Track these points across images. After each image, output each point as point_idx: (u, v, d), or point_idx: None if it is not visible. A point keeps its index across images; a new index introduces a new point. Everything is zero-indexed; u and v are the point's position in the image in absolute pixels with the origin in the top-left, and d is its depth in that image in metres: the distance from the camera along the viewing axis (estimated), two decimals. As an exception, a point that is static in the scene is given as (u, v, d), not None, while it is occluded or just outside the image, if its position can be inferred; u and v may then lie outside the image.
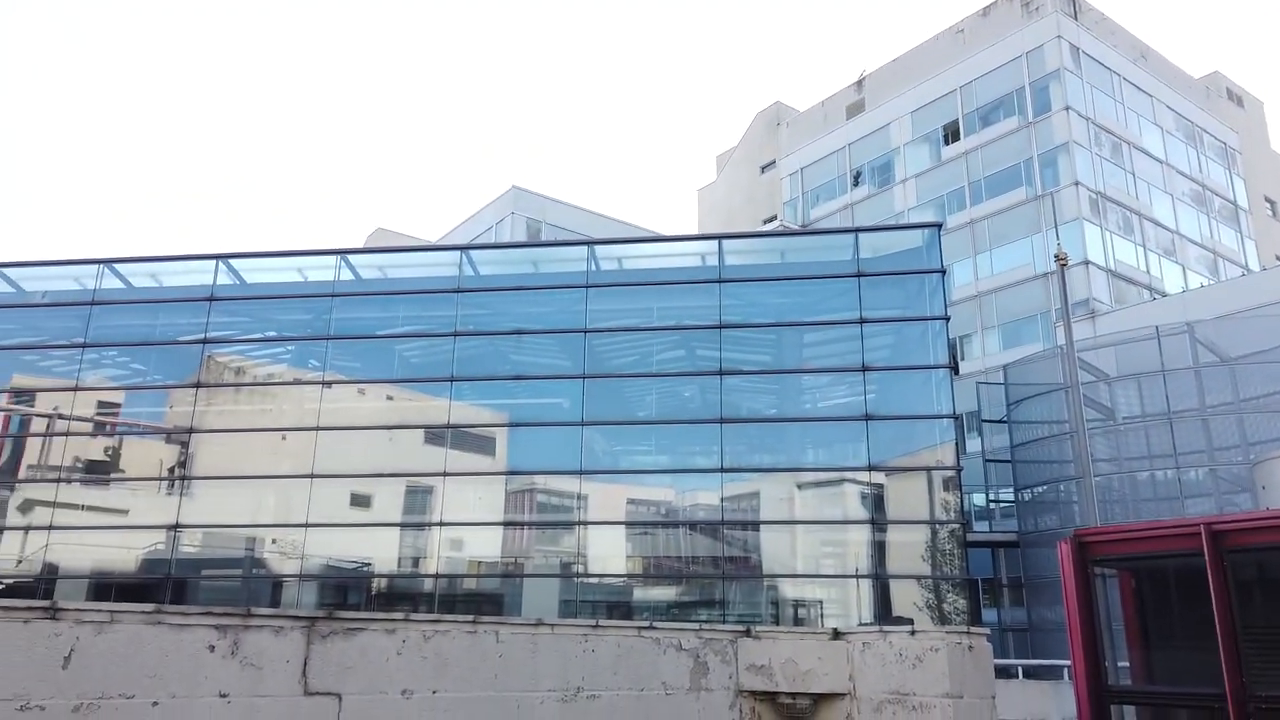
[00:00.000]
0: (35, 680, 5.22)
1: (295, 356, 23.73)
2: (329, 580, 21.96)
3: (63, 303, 23.00)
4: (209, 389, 22.56)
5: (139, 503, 22.84)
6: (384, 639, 6.24)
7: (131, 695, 5.45)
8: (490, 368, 22.76)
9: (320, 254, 23.23)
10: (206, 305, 22.51)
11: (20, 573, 21.80)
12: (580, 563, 21.62)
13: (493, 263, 24.51)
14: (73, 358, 22.74)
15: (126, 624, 5.55)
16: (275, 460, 22.28)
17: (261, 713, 5.73)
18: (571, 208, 39.83)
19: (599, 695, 6.90)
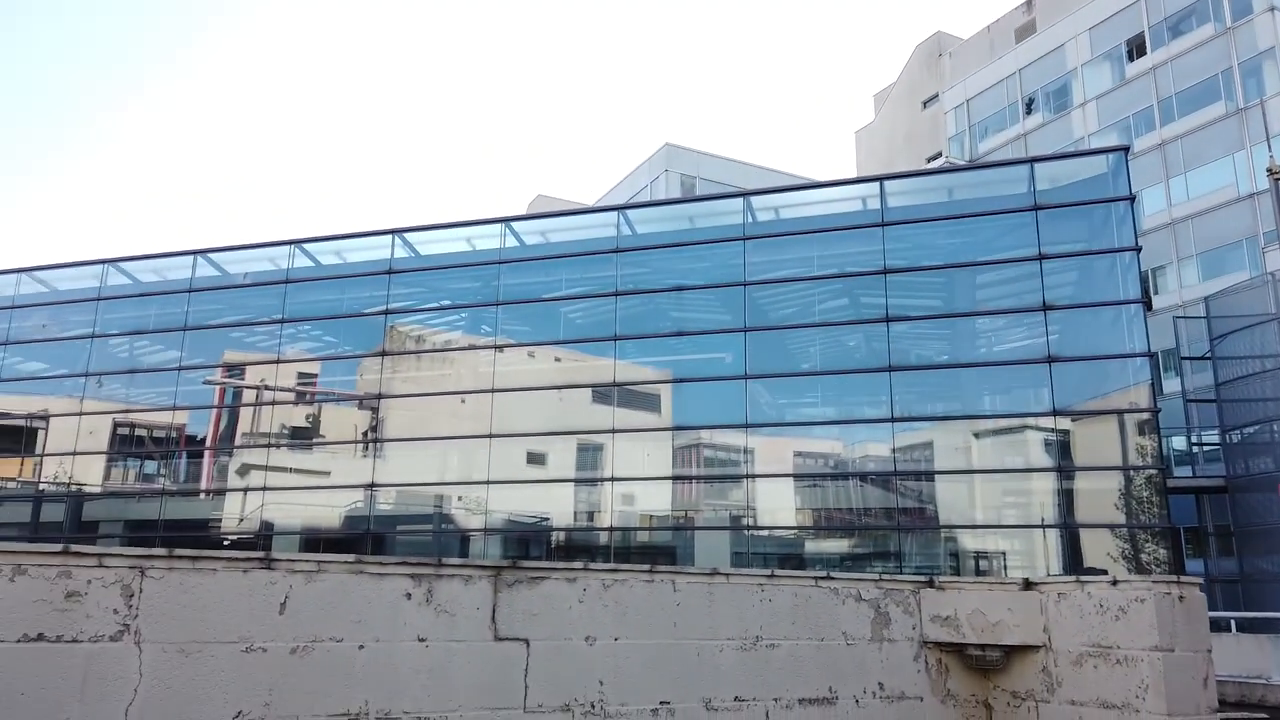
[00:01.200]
0: (256, 625, 5.73)
1: (468, 323, 24.79)
2: (511, 534, 23.04)
3: (261, 282, 24.92)
4: (394, 357, 23.96)
5: (338, 464, 24.64)
6: (565, 587, 6.45)
7: (340, 639, 5.89)
8: (652, 325, 22.96)
9: (486, 223, 24.05)
10: (386, 278, 23.84)
11: (241, 530, 24.10)
12: (749, 515, 21.66)
13: (649, 221, 24.60)
14: (273, 333, 24.68)
15: (332, 573, 5.99)
16: (456, 422, 23.46)
17: (457, 656, 6.06)
18: (725, 161, 39.34)
19: (778, 644, 6.88)
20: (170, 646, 5.52)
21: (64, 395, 25.26)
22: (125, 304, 25.49)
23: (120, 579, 5.50)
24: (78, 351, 25.24)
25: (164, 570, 5.62)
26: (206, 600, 5.67)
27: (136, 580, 5.53)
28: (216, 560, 5.76)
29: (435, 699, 5.98)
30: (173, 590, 5.61)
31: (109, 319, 25.29)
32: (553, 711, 6.22)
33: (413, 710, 5.90)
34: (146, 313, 25.30)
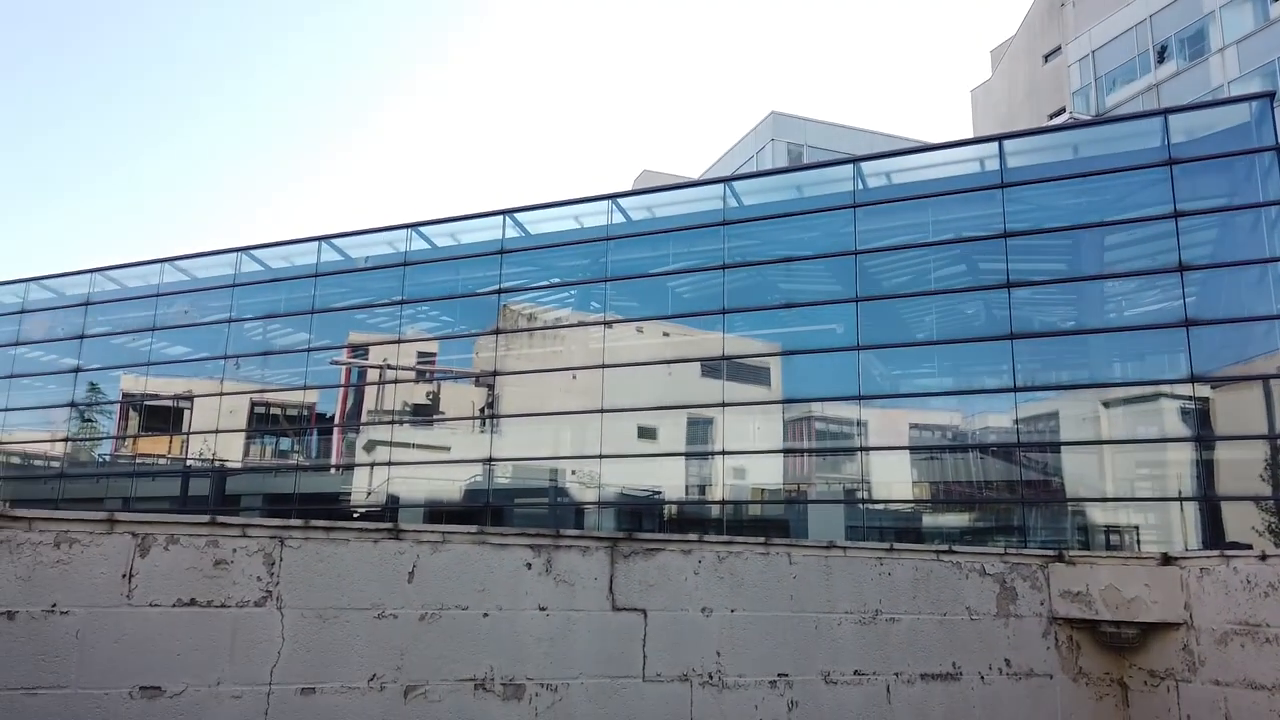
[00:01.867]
0: (387, 592, 6.00)
1: (578, 299, 25.13)
2: (624, 507, 23.37)
3: (381, 265, 25.86)
4: (507, 335, 24.54)
5: (457, 439, 25.47)
6: (681, 559, 6.50)
7: (465, 607, 6.10)
8: (760, 298, 22.74)
9: (593, 200, 24.25)
10: (499, 258, 24.37)
11: (370, 503, 25.24)
12: (863, 489, 21.31)
13: (755, 192, 24.30)
14: (393, 314, 25.63)
15: (456, 544, 6.20)
16: (568, 397, 23.88)
17: (577, 625, 6.20)
18: (832, 127, 38.38)
19: (898, 619, 6.76)
20: (309, 612, 5.84)
21: (206, 377, 26.90)
22: (258, 289, 26.91)
23: (262, 548, 5.83)
24: (217, 335, 26.82)
25: (301, 540, 5.93)
26: (340, 569, 5.97)
27: (277, 549, 5.86)
28: (349, 531, 6.04)
29: (557, 666, 6.14)
30: (310, 559, 5.92)
31: (244, 304, 26.75)
32: (671, 681, 6.30)
33: (536, 676, 6.07)
34: (277, 297, 26.64)
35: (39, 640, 5.31)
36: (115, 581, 5.51)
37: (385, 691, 5.83)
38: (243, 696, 5.58)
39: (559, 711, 6.06)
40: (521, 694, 6.03)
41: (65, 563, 5.44)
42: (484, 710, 5.98)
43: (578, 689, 6.13)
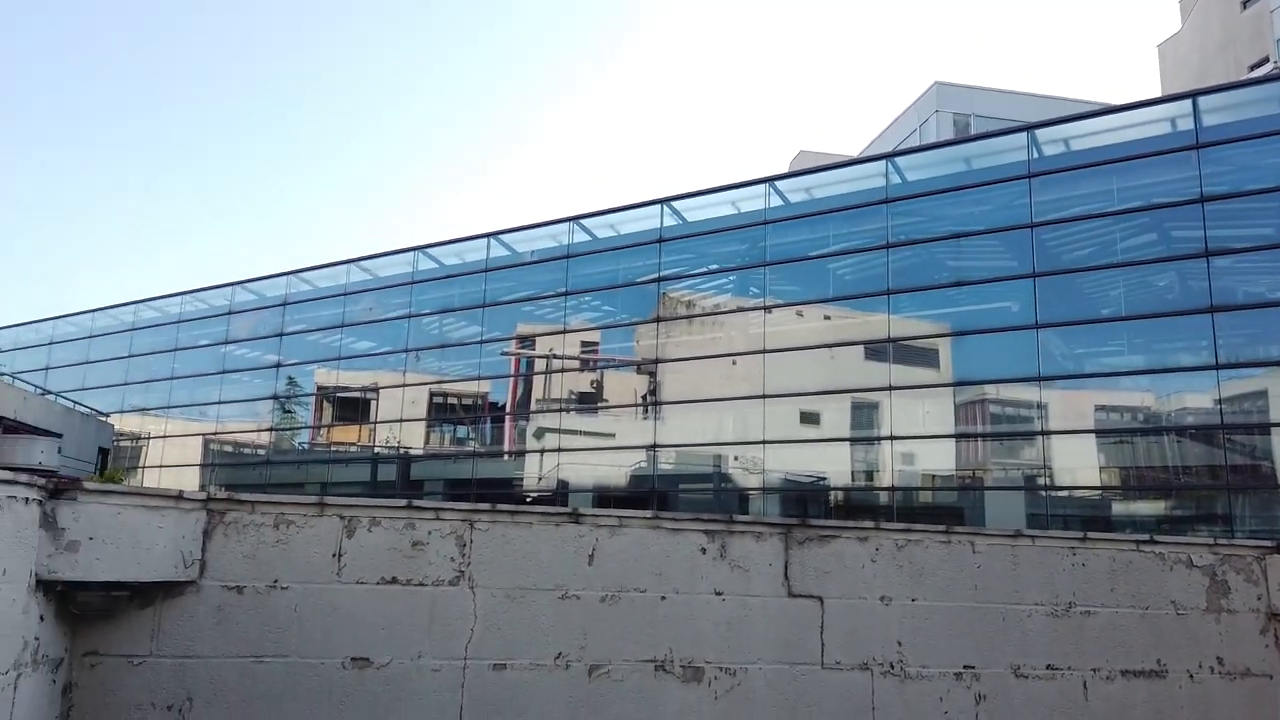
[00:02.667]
0: (569, 574, 6.22)
1: (737, 285, 25.06)
2: (788, 493, 23.19)
3: (545, 259, 26.71)
4: (667, 322, 24.80)
5: (622, 427, 26.01)
6: (857, 546, 6.39)
7: (643, 589, 6.25)
8: (927, 277, 21.93)
9: (749, 185, 24.09)
10: (657, 247, 24.66)
11: (541, 487, 26.20)
12: (1044, 475, 20.23)
13: (920, 167, 23.42)
14: (558, 305, 26.43)
15: (633, 528, 6.35)
16: (729, 383, 23.90)
17: (753, 610, 6.23)
18: (1001, 94, 36.37)
19: (1095, 612, 6.40)
20: (498, 591, 6.14)
21: (389, 370, 28.68)
22: (433, 285, 28.41)
23: (454, 530, 6.18)
24: (398, 330, 28.53)
25: (488, 523, 6.24)
26: (525, 550, 6.24)
27: (467, 532, 6.19)
28: (532, 515, 6.31)
29: (734, 650, 6.18)
30: (497, 541, 6.22)
31: (421, 300, 28.32)
32: (851, 669, 6.22)
33: (714, 660, 6.15)
34: (451, 292, 28.04)
35: (263, 613, 5.84)
36: (327, 560, 5.98)
37: (571, 670, 6.05)
38: (441, 670, 5.95)
39: (738, 695, 6.11)
40: (700, 676, 6.12)
41: (284, 542, 5.95)
42: (664, 691, 6.11)
43: (756, 674, 6.16)
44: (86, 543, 5.27)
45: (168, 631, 5.70)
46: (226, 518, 5.91)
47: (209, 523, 5.89)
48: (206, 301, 33.63)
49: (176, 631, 5.71)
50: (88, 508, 5.31)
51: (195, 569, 5.79)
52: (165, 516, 5.68)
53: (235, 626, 5.78)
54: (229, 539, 5.89)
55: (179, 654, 5.68)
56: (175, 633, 5.70)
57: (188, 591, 5.76)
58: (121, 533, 5.44)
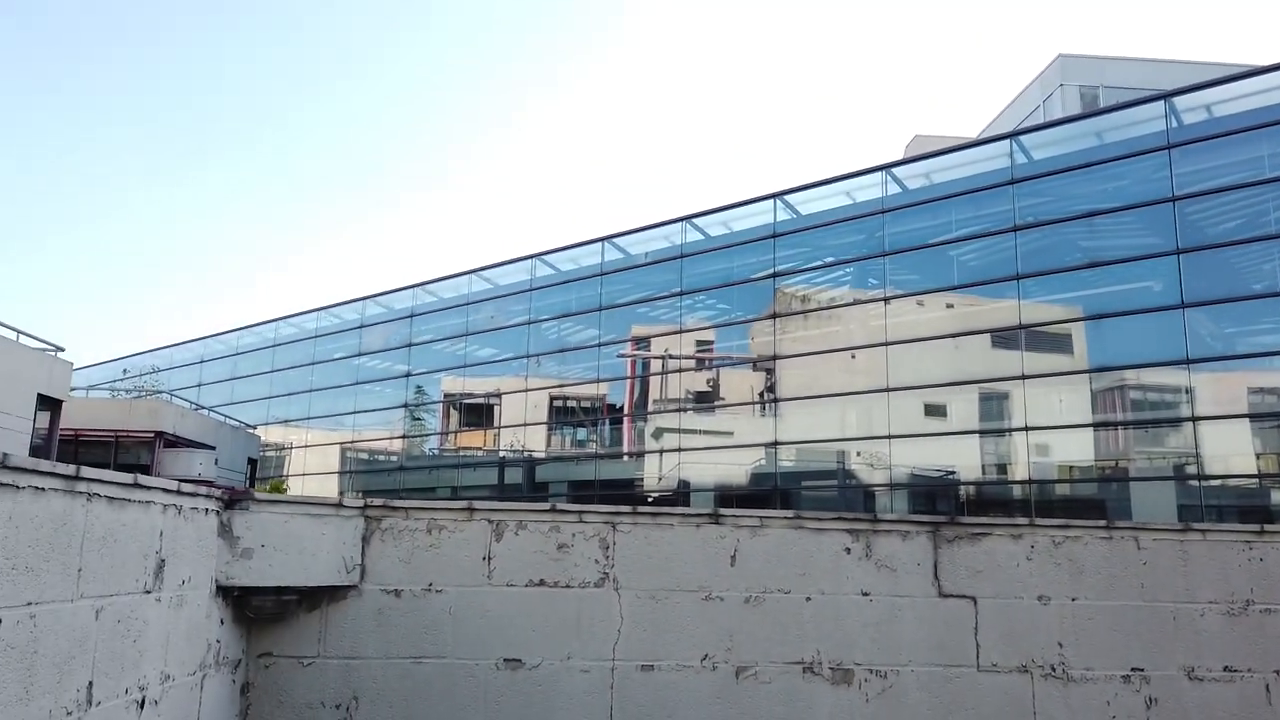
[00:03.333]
0: (712, 575, 6.22)
1: (854, 277, 24.54)
2: (916, 488, 22.54)
3: (659, 260, 26.81)
4: (783, 318, 24.51)
5: (739, 424, 25.84)
6: (1010, 544, 6.16)
7: (787, 590, 6.19)
8: (1058, 259, 20.93)
9: (864, 174, 23.56)
10: (771, 242, 24.40)
11: (661, 487, 26.31)
12: (1193, 463, 19.01)
13: (1047, 144, 22.37)
14: (673, 305, 26.48)
15: (773, 528, 6.30)
16: (849, 377, 23.43)
17: (902, 611, 6.08)
18: (1130, 61, 34.34)
19: (1276, 610, 5.97)
20: (643, 593, 6.19)
21: (511, 375, 29.38)
22: (551, 291, 28.93)
23: (598, 533, 6.26)
24: (518, 336, 29.20)
25: (630, 525, 6.30)
26: (668, 552, 6.27)
27: (610, 534, 6.27)
28: (673, 516, 6.33)
29: (884, 652, 6.05)
30: (639, 543, 6.28)
31: (540, 305, 28.89)
32: (1009, 672, 6.00)
33: (864, 662, 6.03)
34: (569, 297, 28.48)
35: (420, 615, 6.06)
36: (477, 563, 6.16)
37: (718, 671, 6.05)
38: (590, 671, 6.04)
39: (890, 698, 5.98)
40: (850, 679, 6.02)
41: (436, 547, 6.16)
42: (813, 693, 6.04)
43: (908, 676, 6.01)
44: (259, 550, 5.59)
45: (333, 634, 5.98)
46: (383, 524, 6.16)
47: (367, 529, 6.15)
48: (339, 316, 35.27)
49: (341, 633, 5.98)
50: (259, 516, 5.62)
51: (356, 573, 6.05)
52: (327, 524, 5.97)
53: (394, 629, 6.02)
54: (386, 544, 6.14)
55: (345, 655, 5.95)
56: (340, 635, 5.98)
57: (350, 595, 6.03)
58: (289, 540, 5.74)
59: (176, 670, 4.87)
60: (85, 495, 4.01)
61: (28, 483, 3.60)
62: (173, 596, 4.82)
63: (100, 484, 4.13)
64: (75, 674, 3.94)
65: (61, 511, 3.83)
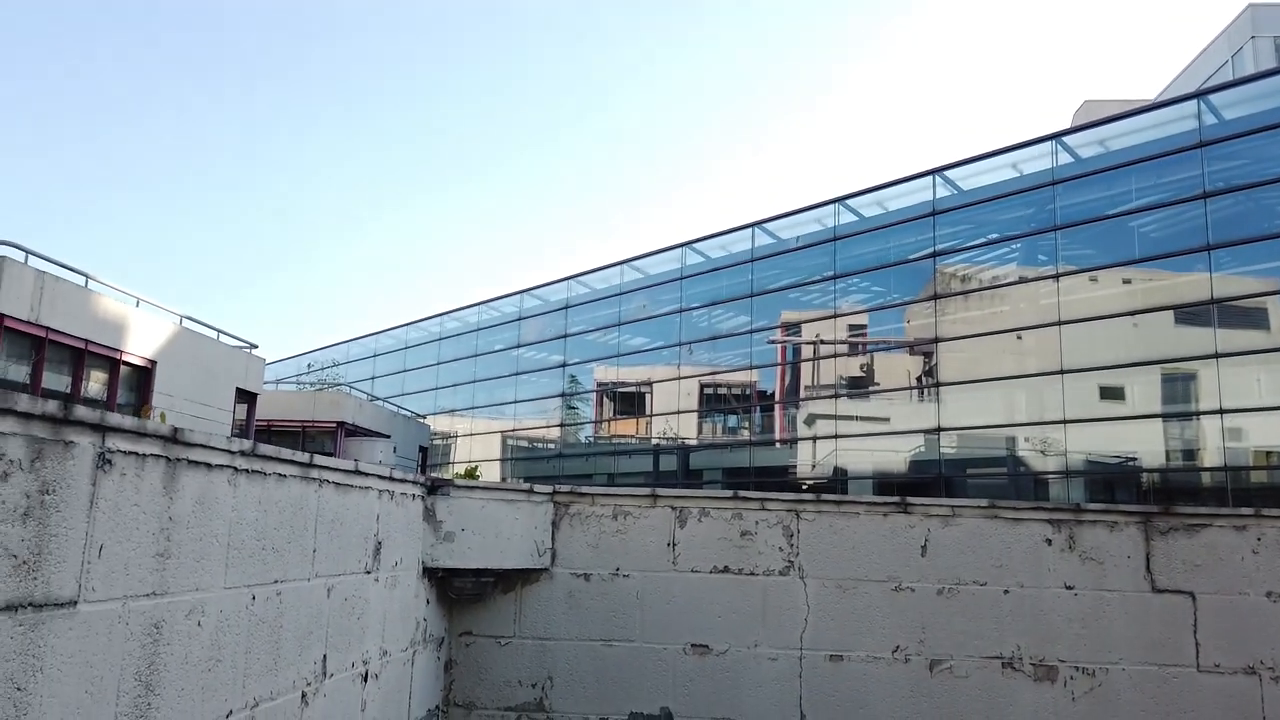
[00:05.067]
0: (901, 565, 6.06)
1: (1022, 254, 23.32)
2: (1093, 475, 21.26)
3: (810, 244, 26.34)
4: (943, 299, 23.60)
5: (895, 410, 25.08)
6: (1233, 536, 5.70)
7: (983, 582, 5.95)
8: (1254, 226, 19.20)
9: (1031, 144, 22.33)
10: (930, 220, 23.52)
11: (816, 475, 25.90)
12: None
13: (1238, 103, 20.52)
14: (825, 289, 25.97)
15: (967, 518, 6.07)
16: (1017, 359, 22.33)
17: (1110, 606, 5.74)
18: (1334, 4, 31.01)
19: None
20: (829, 582, 6.10)
21: (662, 363, 29.62)
22: (701, 279, 28.96)
23: (780, 520, 6.22)
24: (669, 325, 29.39)
25: (814, 513, 6.22)
26: (853, 541, 6.15)
27: (793, 522, 6.21)
28: (858, 504, 6.21)
29: (1091, 649, 5.73)
30: (823, 531, 6.19)
31: (690, 294, 28.97)
32: (1233, 673, 5.56)
33: (1068, 659, 5.73)
34: (719, 284, 28.42)
35: (609, 599, 6.19)
36: (662, 549, 6.24)
37: (910, 664, 5.90)
38: (778, 659, 6.01)
39: (1099, 697, 5.66)
40: (1054, 676, 5.73)
41: (623, 532, 6.28)
42: (1013, 690, 5.79)
43: (1118, 675, 5.67)
44: (459, 534, 5.85)
45: (528, 615, 6.20)
46: (571, 509, 6.32)
47: (556, 514, 6.33)
48: (499, 310, 36.57)
49: (535, 615, 6.19)
50: (458, 502, 5.88)
51: (547, 557, 6.25)
52: (520, 509, 6.18)
53: (585, 611, 6.17)
54: (574, 529, 6.30)
55: (539, 636, 6.16)
56: (534, 616, 6.19)
57: (542, 578, 6.23)
58: (486, 524, 5.98)
59: (392, 646, 5.17)
60: (317, 482, 4.30)
61: (272, 470, 3.90)
62: (388, 577, 5.11)
63: (328, 470, 4.42)
64: (312, 648, 4.24)
65: (299, 496, 4.12)
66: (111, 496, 2.88)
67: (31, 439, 2.55)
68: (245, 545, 3.67)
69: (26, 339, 12.28)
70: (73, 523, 2.70)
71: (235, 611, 3.60)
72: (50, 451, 2.62)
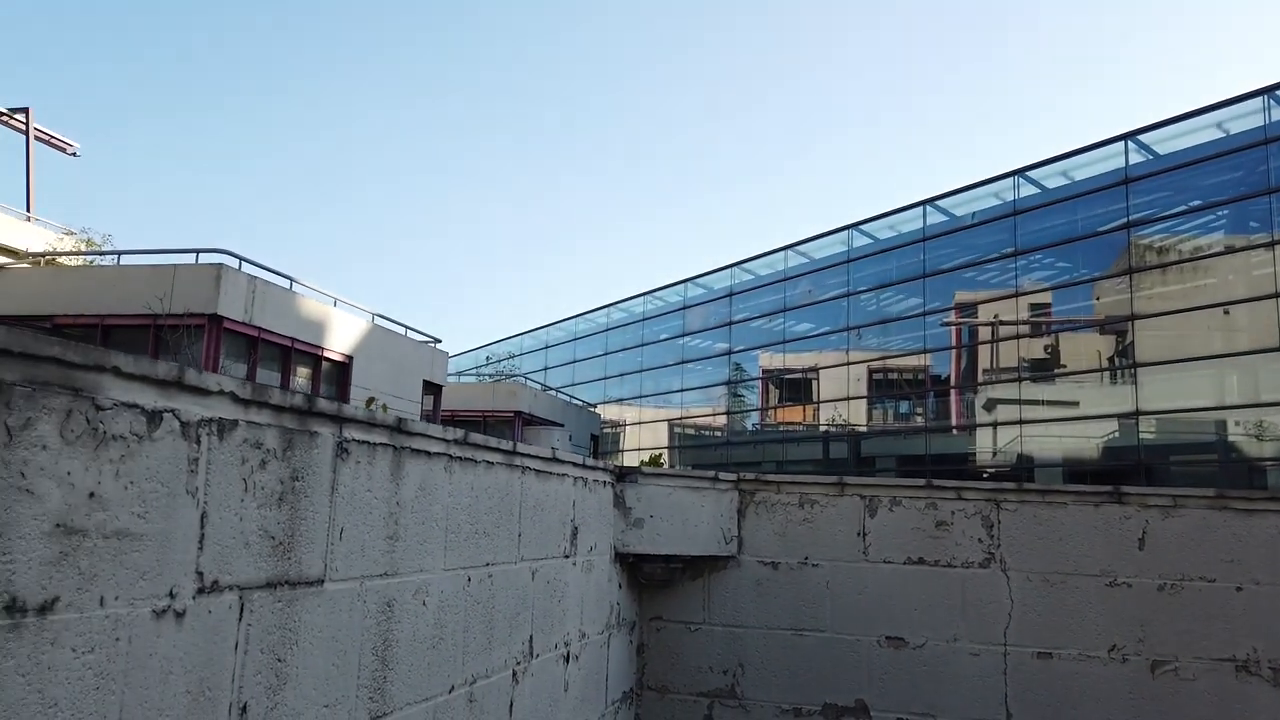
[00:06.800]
0: (1116, 559, 5.66)
1: (1229, 221, 21.30)
2: (1322, 464, 19.21)
3: (986, 220, 25.05)
4: (1139, 273, 21.90)
5: (1085, 394, 23.51)
6: None
7: (1212, 579, 5.47)
8: None
9: (1239, 100, 20.36)
10: (1123, 190, 21.88)
11: (998, 463, 24.68)
12: None
13: None
14: (1004, 267, 24.64)
15: (1190, 509, 5.59)
16: (1226, 337, 20.46)
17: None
18: None
19: None
20: (1034, 575, 5.78)
21: (829, 349, 29.01)
22: (869, 262, 28.14)
23: (979, 510, 5.94)
24: (836, 310, 28.75)
25: (1016, 503, 5.90)
26: (1060, 532, 5.79)
27: (993, 512, 5.91)
28: (1065, 494, 5.84)
29: (1345, 655, 5.17)
30: (1027, 521, 5.86)
31: (858, 277, 28.21)
32: None
33: (1318, 665, 5.19)
34: (888, 266, 27.52)
35: (797, 589, 6.11)
36: (851, 539, 6.09)
37: (1128, 664, 5.50)
38: (980, 655, 5.75)
39: (1356, 709, 5.10)
40: (1300, 683, 5.20)
41: (810, 521, 6.18)
42: (1248, 696, 5.30)
43: (1380, 685, 5.08)
44: (648, 520, 5.92)
45: (716, 602, 6.21)
46: (756, 497, 6.28)
47: (741, 502, 6.30)
48: (663, 299, 36.93)
49: (723, 602, 6.20)
50: (646, 489, 5.96)
51: (734, 545, 6.23)
52: (705, 496, 6.19)
53: (774, 600, 6.12)
54: (760, 517, 6.26)
55: (728, 623, 6.16)
56: (722, 603, 6.20)
57: (729, 566, 6.22)
58: (673, 511, 6.03)
59: (589, 629, 5.31)
60: (520, 469, 4.46)
61: (481, 457, 4.07)
62: (584, 561, 5.25)
63: (529, 458, 4.57)
64: (521, 628, 4.41)
65: (505, 483, 4.29)
66: (349, 483, 3.08)
67: (283, 430, 2.76)
68: (460, 529, 3.85)
69: (242, 339, 13.44)
70: (318, 507, 2.90)
71: (454, 592, 3.79)
72: (299, 441, 2.82)
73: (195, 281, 12.69)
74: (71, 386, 2.04)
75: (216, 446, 2.46)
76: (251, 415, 2.61)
